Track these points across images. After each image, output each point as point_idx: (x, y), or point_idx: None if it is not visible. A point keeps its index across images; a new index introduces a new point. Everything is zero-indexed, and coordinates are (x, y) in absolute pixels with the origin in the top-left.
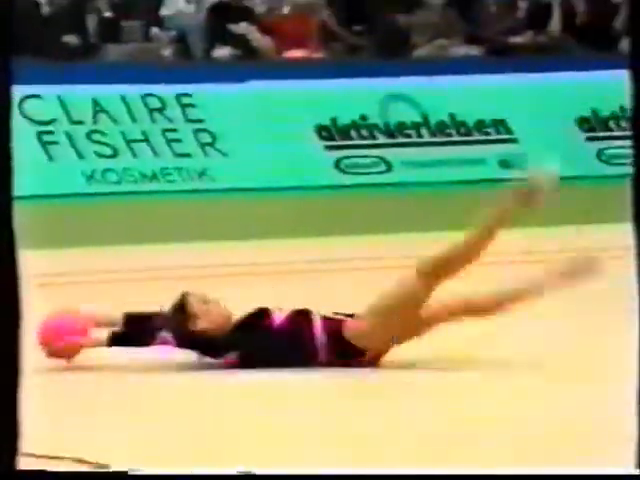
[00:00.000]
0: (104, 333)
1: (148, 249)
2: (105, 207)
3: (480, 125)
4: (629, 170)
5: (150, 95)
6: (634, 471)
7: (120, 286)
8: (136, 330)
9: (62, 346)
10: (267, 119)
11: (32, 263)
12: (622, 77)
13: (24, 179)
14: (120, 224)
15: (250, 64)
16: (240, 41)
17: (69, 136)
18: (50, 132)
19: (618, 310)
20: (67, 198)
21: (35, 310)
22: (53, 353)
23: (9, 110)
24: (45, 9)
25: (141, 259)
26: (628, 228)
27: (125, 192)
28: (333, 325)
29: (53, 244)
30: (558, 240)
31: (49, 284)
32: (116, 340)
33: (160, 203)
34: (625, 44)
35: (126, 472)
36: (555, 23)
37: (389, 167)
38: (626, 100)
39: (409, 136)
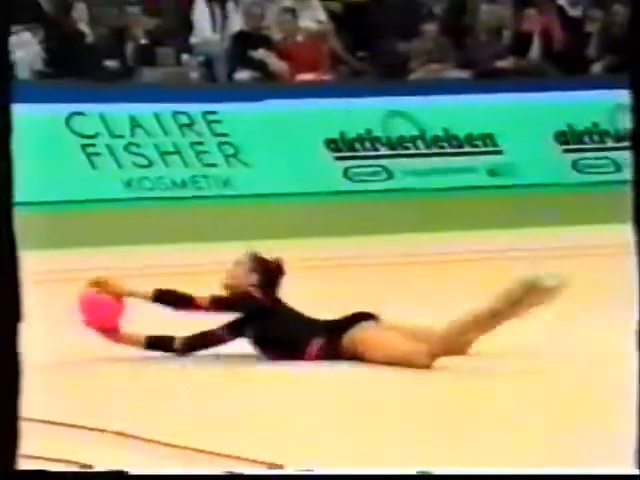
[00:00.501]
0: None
1: (179, 248)
2: (141, 211)
3: (470, 138)
4: (600, 178)
5: (180, 113)
6: (634, 471)
7: (156, 281)
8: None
9: (99, 327)
10: (283, 133)
11: (75, 260)
12: (593, 97)
13: (71, 185)
14: (154, 226)
15: (268, 85)
16: (259, 65)
17: (109, 148)
18: (93, 145)
19: (618, 308)
20: (108, 203)
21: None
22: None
23: (9, 124)
24: (89, 38)
25: (174, 257)
26: (602, 228)
27: (159, 197)
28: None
29: (94, 242)
30: (540, 239)
31: (83, 279)
32: (151, 344)
33: (189, 207)
34: (596, 68)
35: (124, 472)
36: (535, 50)
37: (390, 175)
38: (596, 117)
39: (408, 148)
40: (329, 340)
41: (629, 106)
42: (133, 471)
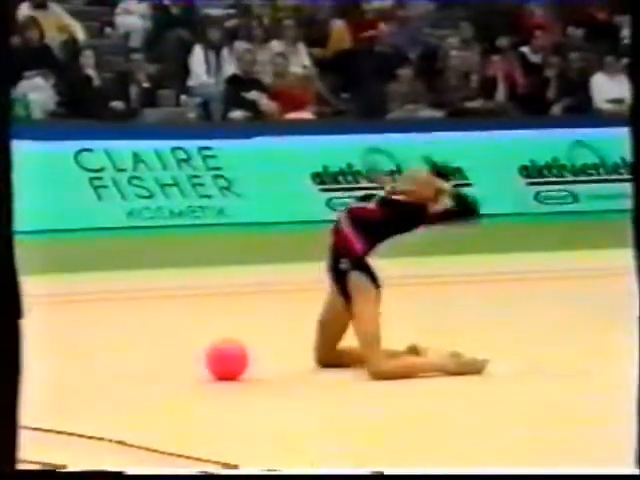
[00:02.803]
0: None
1: (177, 272)
2: (142, 238)
3: None
4: (559, 209)
5: (178, 148)
6: (634, 471)
7: (156, 303)
8: None
9: (225, 378)
10: (272, 167)
11: (80, 283)
12: (553, 134)
13: (79, 215)
14: (155, 252)
15: (259, 124)
16: (251, 105)
17: (114, 181)
18: (99, 178)
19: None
20: (112, 231)
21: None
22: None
23: (9, 159)
24: (96, 82)
25: (172, 280)
26: (561, 255)
27: (159, 226)
28: None
29: (100, 267)
30: (504, 264)
31: (93, 300)
32: None
33: (187, 235)
34: (555, 109)
35: (121, 472)
36: (500, 92)
37: None
38: (556, 152)
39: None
40: None
41: (629, 139)
42: (129, 471)
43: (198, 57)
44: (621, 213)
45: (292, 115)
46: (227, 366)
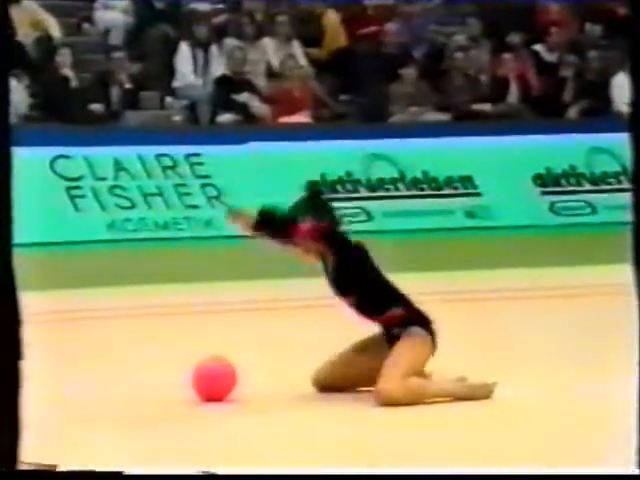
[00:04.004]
0: None
1: (160, 288)
2: (123, 252)
3: (449, 181)
4: (576, 220)
5: (163, 155)
6: (634, 471)
7: (137, 321)
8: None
9: (211, 399)
10: (265, 175)
11: (57, 301)
12: (570, 140)
13: (54, 227)
14: (136, 267)
15: (250, 128)
16: (241, 108)
17: (94, 190)
18: (77, 187)
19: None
20: (91, 244)
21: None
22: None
23: (9, 169)
24: (74, 82)
25: (154, 297)
26: (577, 270)
27: (141, 239)
28: None
29: (79, 284)
30: (515, 280)
31: (70, 319)
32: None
33: (172, 248)
34: (572, 112)
35: (122, 472)
36: (513, 94)
37: (370, 217)
38: (573, 160)
39: (388, 190)
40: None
41: (630, 149)
42: (131, 471)
43: (184, 56)
44: None
45: (287, 119)
46: (214, 386)
